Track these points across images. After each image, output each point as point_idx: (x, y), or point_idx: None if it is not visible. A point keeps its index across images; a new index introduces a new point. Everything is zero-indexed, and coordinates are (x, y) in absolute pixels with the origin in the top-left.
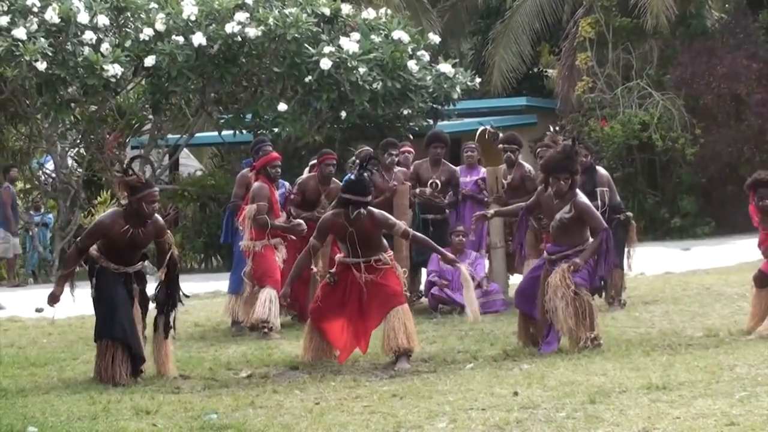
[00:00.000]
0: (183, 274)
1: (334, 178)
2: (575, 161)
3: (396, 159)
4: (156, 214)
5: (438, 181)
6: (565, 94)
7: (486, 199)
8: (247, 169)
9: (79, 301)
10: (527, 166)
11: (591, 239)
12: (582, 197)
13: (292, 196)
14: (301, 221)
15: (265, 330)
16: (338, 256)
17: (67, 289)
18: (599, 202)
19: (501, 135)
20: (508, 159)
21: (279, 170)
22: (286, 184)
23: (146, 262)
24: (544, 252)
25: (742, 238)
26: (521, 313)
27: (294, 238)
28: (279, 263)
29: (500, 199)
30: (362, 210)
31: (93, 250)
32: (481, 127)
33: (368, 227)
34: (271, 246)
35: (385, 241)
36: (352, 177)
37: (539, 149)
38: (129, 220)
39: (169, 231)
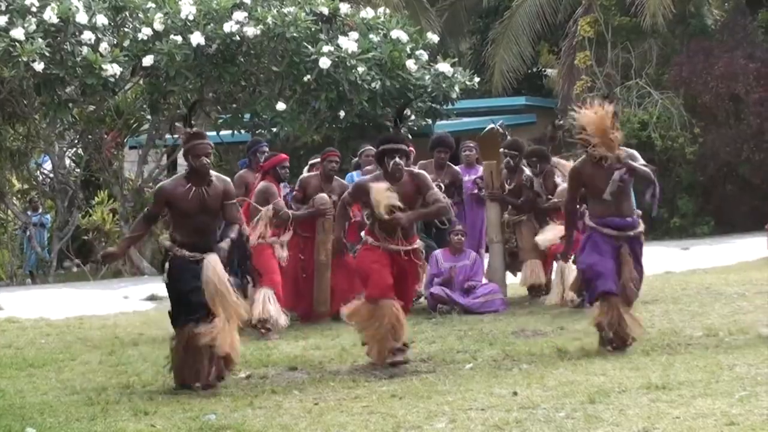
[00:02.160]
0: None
1: (336, 177)
2: (612, 121)
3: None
4: (223, 177)
5: (442, 184)
6: (565, 94)
7: (482, 194)
8: (244, 170)
9: (77, 302)
10: (527, 173)
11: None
12: (626, 151)
13: (294, 193)
14: (324, 194)
15: (262, 330)
16: (369, 240)
17: (64, 288)
18: None
19: (508, 137)
20: (507, 164)
21: (288, 171)
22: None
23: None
24: (605, 229)
25: (741, 237)
26: (607, 301)
27: (297, 235)
28: (282, 260)
29: (495, 194)
30: (398, 159)
31: (165, 240)
32: (490, 125)
33: (409, 188)
34: (269, 245)
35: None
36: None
37: (531, 159)
38: (190, 179)
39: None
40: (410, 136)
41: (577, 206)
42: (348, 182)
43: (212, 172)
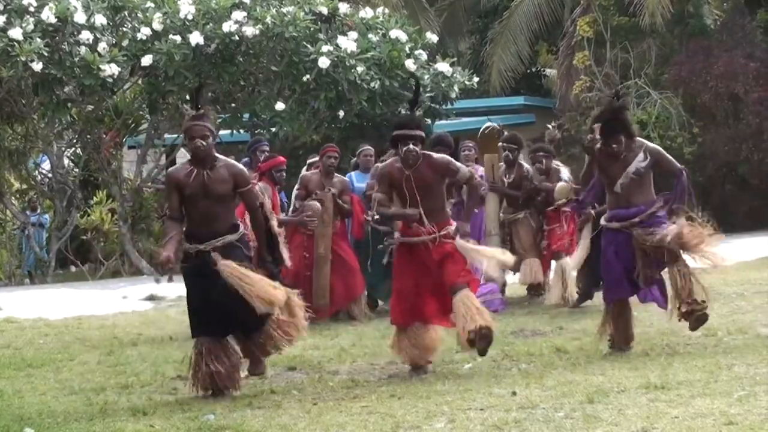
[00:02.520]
0: (181, 273)
1: (337, 174)
2: (625, 116)
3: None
4: (234, 163)
5: None
6: (563, 94)
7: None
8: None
9: (76, 302)
10: (526, 166)
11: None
12: (649, 143)
13: (296, 191)
14: (313, 203)
15: None
16: (397, 236)
17: (63, 288)
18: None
19: (505, 132)
20: (506, 158)
21: (284, 174)
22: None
23: (238, 234)
24: (609, 222)
25: (740, 237)
26: (619, 304)
27: (300, 234)
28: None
29: (496, 186)
30: (412, 146)
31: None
32: (486, 124)
33: (427, 173)
34: None
35: (448, 211)
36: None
37: (537, 154)
38: (193, 162)
39: (252, 183)
40: None
41: (593, 175)
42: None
43: (221, 157)
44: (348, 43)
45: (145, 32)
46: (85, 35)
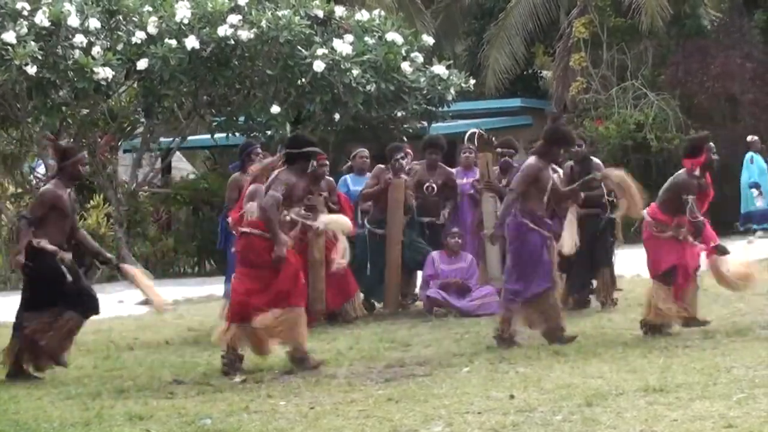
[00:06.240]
0: (177, 278)
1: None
2: None
3: (403, 162)
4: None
5: (434, 185)
6: (559, 95)
7: (479, 186)
8: (237, 173)
9: None
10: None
11: None
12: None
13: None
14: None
15: None
16: None
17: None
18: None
19: (493, 138)
20: (504, 163)
21: None
22: None
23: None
24: None
25: (738, 238)
26: None
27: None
28: None
29: (492, 184)
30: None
31: None
32: (471, 130)
33: None
34: None
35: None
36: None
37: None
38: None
39: None
40: (405, 139)
41: None
42: (342, 184)
43: None
44: (343, 46)
45: (140, 36)
46: (79, 39)
